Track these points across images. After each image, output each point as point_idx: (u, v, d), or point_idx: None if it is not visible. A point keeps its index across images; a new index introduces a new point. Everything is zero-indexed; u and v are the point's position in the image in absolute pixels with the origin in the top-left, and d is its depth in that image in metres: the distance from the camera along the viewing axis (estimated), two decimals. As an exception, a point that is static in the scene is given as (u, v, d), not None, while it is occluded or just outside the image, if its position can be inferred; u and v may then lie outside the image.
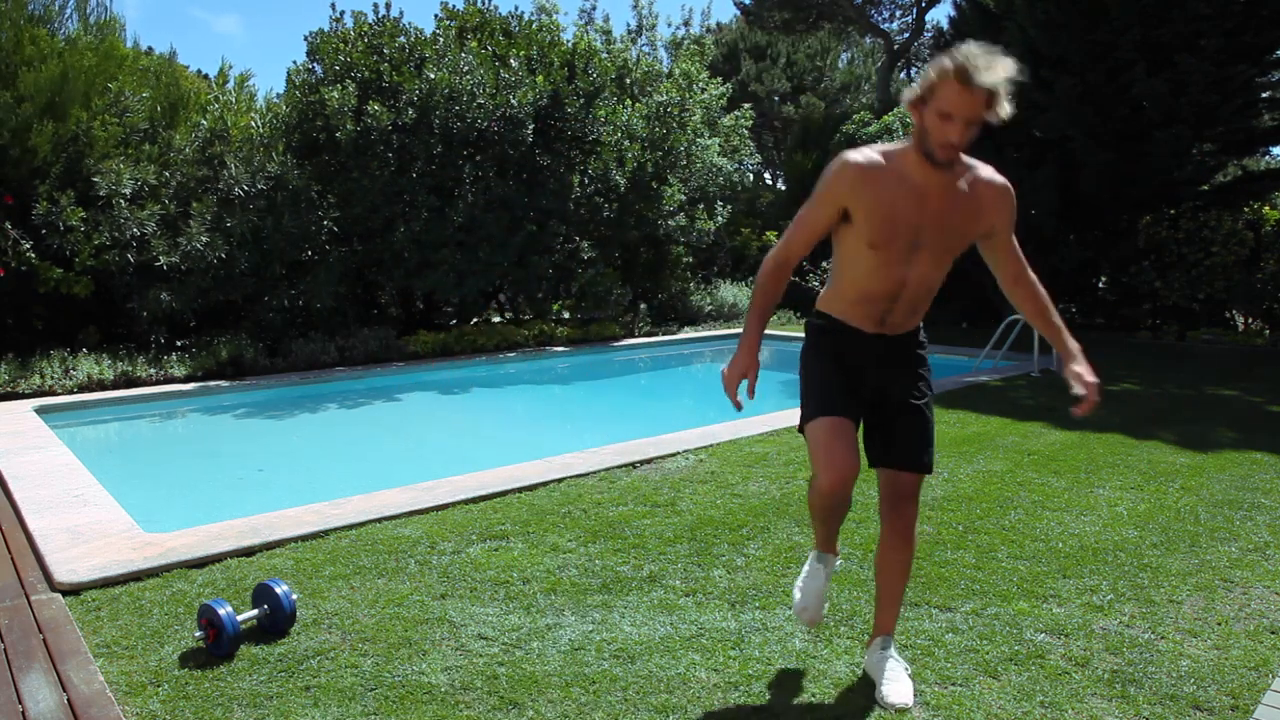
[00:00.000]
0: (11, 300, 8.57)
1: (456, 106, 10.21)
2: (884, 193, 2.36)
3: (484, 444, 7.20)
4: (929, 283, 2.50)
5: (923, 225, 2.38)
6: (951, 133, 2.23)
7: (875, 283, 2.46)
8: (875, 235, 2.39)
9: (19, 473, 4.98)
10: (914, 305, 2.54)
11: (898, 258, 2.41)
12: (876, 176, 2.36)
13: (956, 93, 2.18)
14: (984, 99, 2.18)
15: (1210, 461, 5.40)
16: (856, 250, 2.45)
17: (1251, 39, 10.63)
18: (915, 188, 2.36)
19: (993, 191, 2.43)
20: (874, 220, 2.38)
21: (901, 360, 2.59)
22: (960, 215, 2.41)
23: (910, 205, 2.36)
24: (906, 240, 2.39)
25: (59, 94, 8.71)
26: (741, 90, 23.11)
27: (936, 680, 2.70)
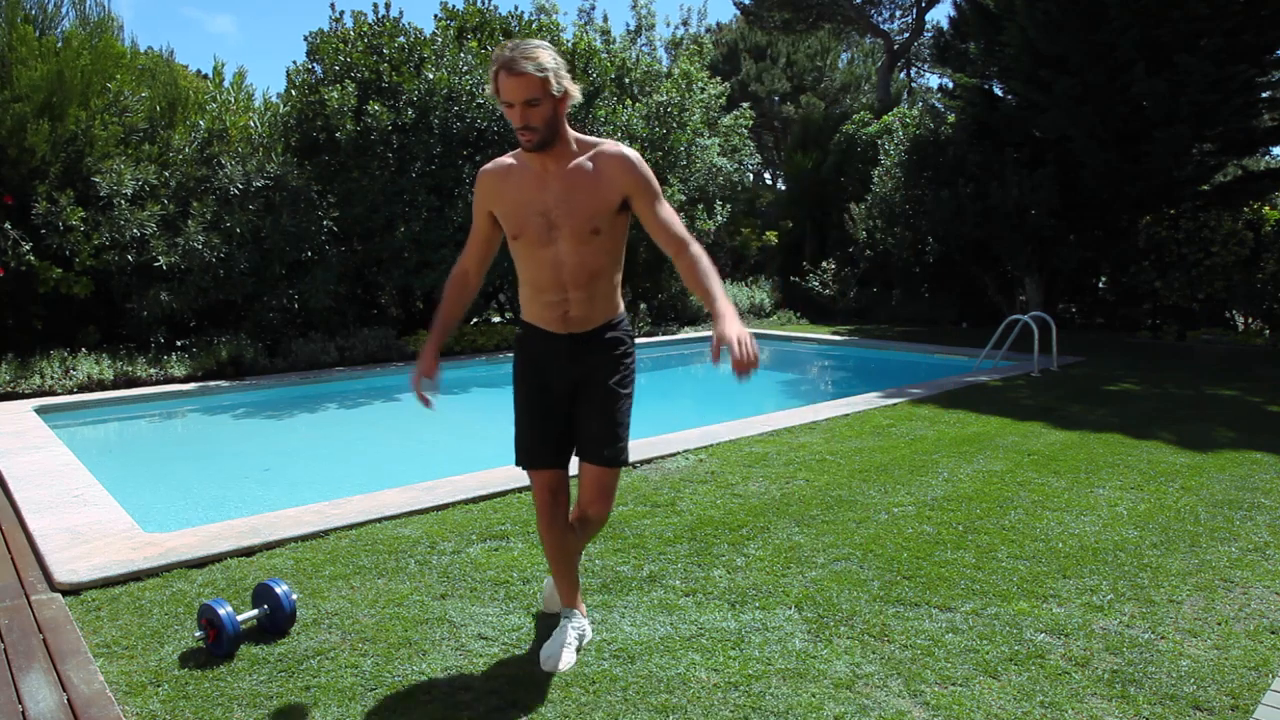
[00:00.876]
0: (11, 300, 8.57)
1: (456, 106, 10.21)
2: (511, 188, 2.62)
3: (484, 444, 7.19)
4: (586, 263, 2.62)
5: (548, 206, 2.57)
6: (513, 117, 2.46)
7: (534, 270, 2.65)
8: (510, 225, 2.63)
9: (19, 473, 4.98)
10: (587, 292, 2.65)
11: (538, 239, 2.59)
12: (504, 176, 2.64)
13: (504, 81, 2.42)
14: (530, 82, 2.39)
15: (1210, 461, 5.40)
16: (512, 250, 2.68)
17: (1251, 39, 10.62)
18: (536, 175, 2.59)
19: (612, 163, 2.57)
20: (507, 213, 2.63)
21: (596, 357, 2.72)
22: (583, 190, 2.56)
23: (533, 191, 2.58)
24: (539, 223, 2.58)
25: (56, 93, 8.70)
26: (741, 90, 23.12)
27: (936, 680, 2.70)
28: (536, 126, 2.44)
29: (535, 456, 2.76)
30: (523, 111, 2.42)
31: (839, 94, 27.16)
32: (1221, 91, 10.56)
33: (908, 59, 28.10)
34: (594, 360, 2.71)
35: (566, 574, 2.89)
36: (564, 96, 2.46)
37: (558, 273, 2.61)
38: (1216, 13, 10.24)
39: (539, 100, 2.42)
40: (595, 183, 2.55)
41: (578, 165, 2.56)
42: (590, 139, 2.61)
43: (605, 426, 2.72)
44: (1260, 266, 11.51)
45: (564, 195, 2.55)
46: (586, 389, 2.73)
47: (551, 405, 2.75)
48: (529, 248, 2.61)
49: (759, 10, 25.55)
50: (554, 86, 2.42)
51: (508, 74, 2.40)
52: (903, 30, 25.50)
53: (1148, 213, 12.39)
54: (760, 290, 15.66)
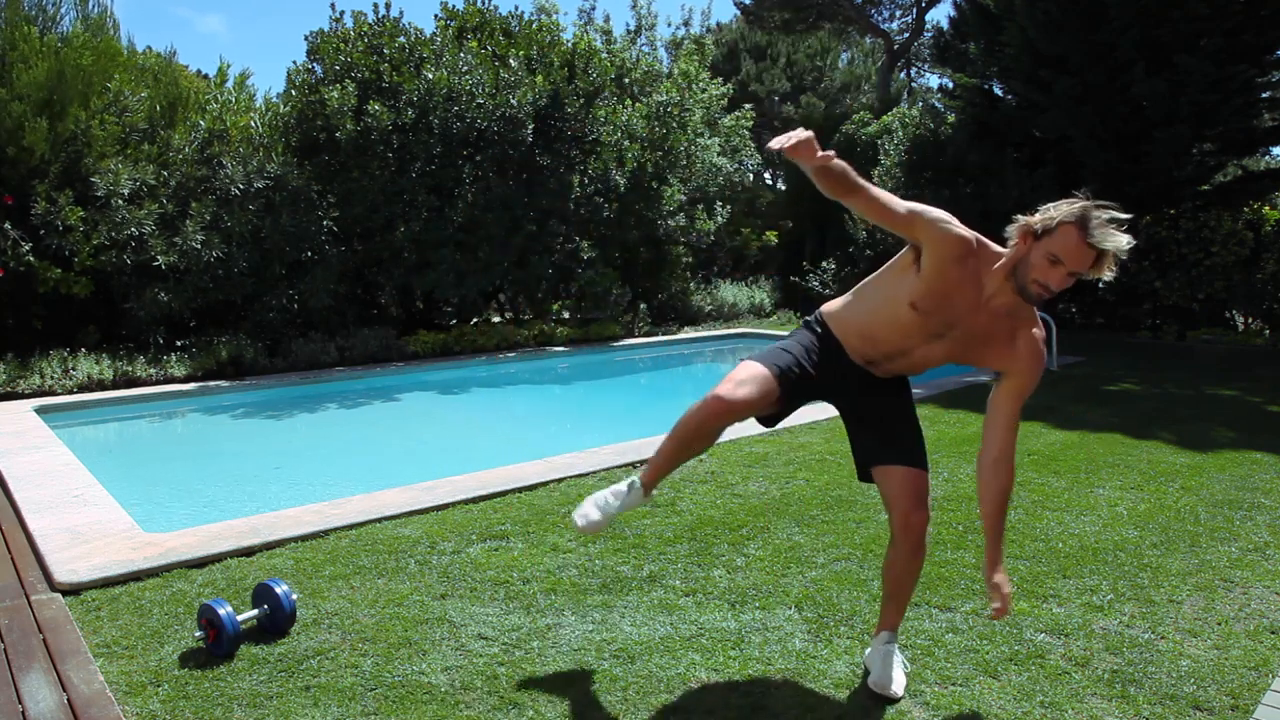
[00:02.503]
0: (11, 300, 8.57)
1: (456, 106, 10.21)
2: (956, 273, 2.39)
3: (484, 444, 7.20)
4: (927, 365, 2.58)
5: (961, 322, 2.44)
6: (1054, 278, 2.29)
7: (887, 335, 2.52)
8: (923, 300, 2.42)
9: (19, 473, 4.98)
10: (905, 370, 2.64)
11: (924, 330, 2.47)
12: (964, 257, 2.39)
13: (1076, 244, 2.24)
14: (1095, 258, 2.27)
15: (1210, 461, 5.40)
16: (896, 298, 2.48)
17: (1251, 39, 10.62)
18: (979, 292, 2.41)
19: (1030, 348, 2.46)
20: (931, 289, 2.40)
21: (883, 388, 2.66)
22: (993, 341, 2.46)
23: (967, 300, 2.41)
24: (938, 323, 2.45)
25: (56, 93, 8.70)
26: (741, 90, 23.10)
27: (936, 680, 2.70)
28: (1056, 292, 2.33)
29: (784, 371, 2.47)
30: (1064, 278, 2.29)
31: (839, 94, 27.15)
32: (1221, 91, 10.56)
33: (908, 59, 28.09)
34: (878, 394, 2.64)
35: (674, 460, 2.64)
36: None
37: (900, 354, 2.53)
38: (1216, 13, 10.24)
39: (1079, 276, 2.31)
40: (1004, 348, 2.45)
41: (1006, 325, 2.43)
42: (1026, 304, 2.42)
43: (913, 432, 2.63)
44: (1260, 266, 11.51)
45: (976, 334, 2.44)
46: (876, 408, 2.65)
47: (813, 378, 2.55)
48: (910, 325, 2.46)
49: (759, 10, 25.54)
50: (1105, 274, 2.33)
51: (1091, 245, 2.25)
52: (903, 30, 25.50)
53: (1148, 213, 12.38)
54: (760, 290, 15.66)
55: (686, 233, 13.01)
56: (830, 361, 2.60)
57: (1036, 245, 2.31)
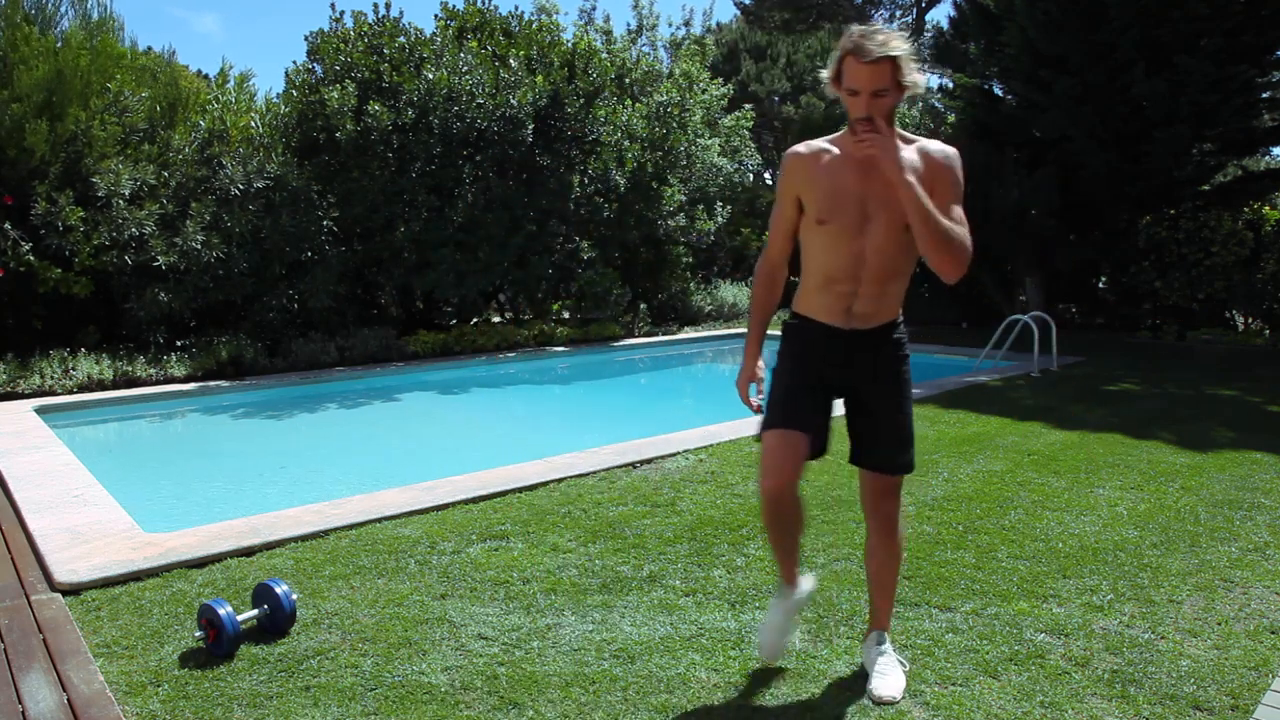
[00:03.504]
0: (11, 300, 8.57)
1: (456, 106, 10.21)
2: (827, 172, 2.48)
3: (484, 444, 7.20)
4: (888, 259, 2.50)
5: (868, 196, 2.44)
6: (859, 107, 2.33)
7: (833, 260, 2.51)
8: (822, 211, 2.48)
9: (19, 473, 4.98)
10: (880, 287, 2.53)
11: (850, 230, 2.47)
12: (818, 159, 2.50)
13: (855, 68, 2.31)
14: (884, 70, 2.28)
15: (1210, 461, 5.40)
16: (812, 234, 2.54)
17: (1251, 39, 10.62)
18: (858, 163, 2.43)
19: (934, 161, 2.46)
20: (820, 198, 2.48)
21: (877, 359, 2.59)
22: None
23: (853, 178, 2.45)
24: (855, 212, 2.46)
25: (55, 93, 8.70)
26: (741, 90, 23.09)
27: (936, 680, 2.70)
28: (876, 118, 2.32)
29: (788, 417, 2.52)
30: (868, 102, 2.30)
31: (839, 94, 27.12)
32: (1221, 92, 10.56)
33: (908, 59, 28.07)
34: (870, 362, 2.58)
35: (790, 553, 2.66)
36: (907, 88, 2.35)
37: (858, 265, 2.49)
38: (1216, 13, 10.24)
39: (887, 91, 2.31)
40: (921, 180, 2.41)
41: (905, 160, 2.40)
42: (909, 134, 2.48)
43: (895, 438, 2.62)
44: (1260, 266, 11.51)
45: (886, 188, 2.41)
46: (866, 399, 2.61)
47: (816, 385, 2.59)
48: (832, 236, 2.48)
49: (759, 10, 25.56)
50: (907, 79, 2.31)
51: (859, 60, 2.27)
52: (903, 30, 25.49)
53: (1148, 213, 12.38)
54: (760, 290, 15.62)
55: (686, 233, 13.01)
56: (820, 354, 2.59)
57: (841, 92, 2.38)
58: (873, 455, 2.63)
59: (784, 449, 2.49)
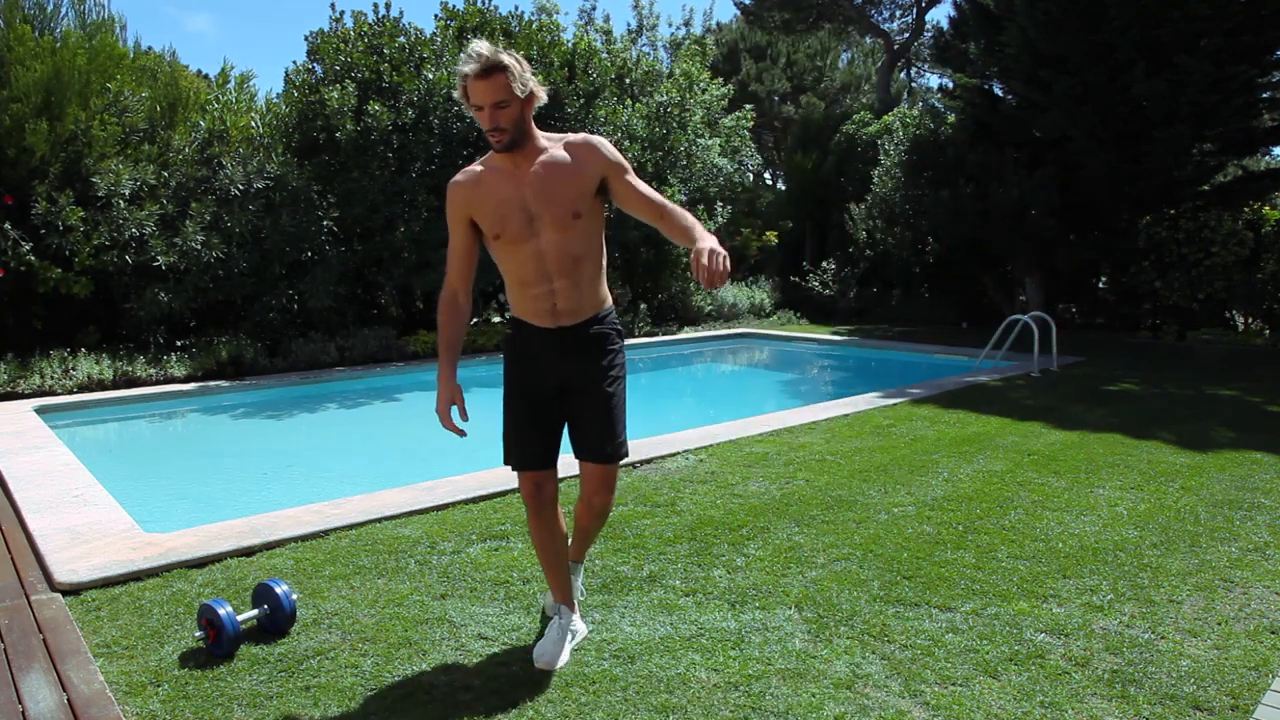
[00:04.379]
0: (11, 300, 8.57)
1: (456, 106, 10.20)
2: (486, 191, 2.67)
3: (484, 444, 7.18)
4: (568, 249, 2.67)
5: (527, 200, 2.63)
6: (483, 120, 2.55)
7: (518, 266, 2.69)
8: (490, 225, 2.67)
9: (19, 473, 4.98)
10: (572, 279, 2.69)
11: (519, 234, 2.65)
12: (476, 182, 2.70)
13: (469, 86, 2.52)
14: (493, 83, 2.48)
15: (1210, 461, 5.40)
16: (495, 251, 2.74)
17: (1251, 39, 10.62)
18: (509, 174, 2.65)
19: (578, 148, 2.67)
20: (487, 215, 2.68)
21: (586, 353, 2.76)
22: (559, 178, 2.63)
23: (509, 189, 2.65)
24: (520, 218, 2.64)
25: (54, 93, 8.70)
26: (741, 90, 23.11)
27: (936, 680, 2.70)
28: (506, 128, 2.54)
29: (526, 458, 2.77)
30: (492, 114, 2.52)
31: (839, 94, 27.15)
32: (1221, 92, 10.56)
33: (908, 59, 28.09)
34: (583, 360, 2.75)
35: (557, 569, 2.90)
36: (530, 97, 2.56)
37: (541, 263, 2.66)
38: (1216, 13, 10.24)
39: (507, 102, 2.51)
40: (571, 170, 2.64)
41: (550, 157, 2.65)
42: (555, 135, 2.70)
43: (604, 427, 2.78)
44: (1260, 266, 11.51)
45: (541, 186, 2.62)
46: (579, 394, 2.78)
47: (541, 407, 2.78)
48: (510, 245, 2.67)
49: (759, 10, 25.54)
50: (519, 88, 2.51)
51: (475, 78, 2.49)
52: (903, 30, 25.49)
53: (1148, 213, 12.38)
54: (760, 290, 15.66)
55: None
56: (533, 346, 2.76)
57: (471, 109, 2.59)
58: (592, 450, 2.80)
59: (534, 490, 2.78)
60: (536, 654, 2.76)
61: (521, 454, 2.78)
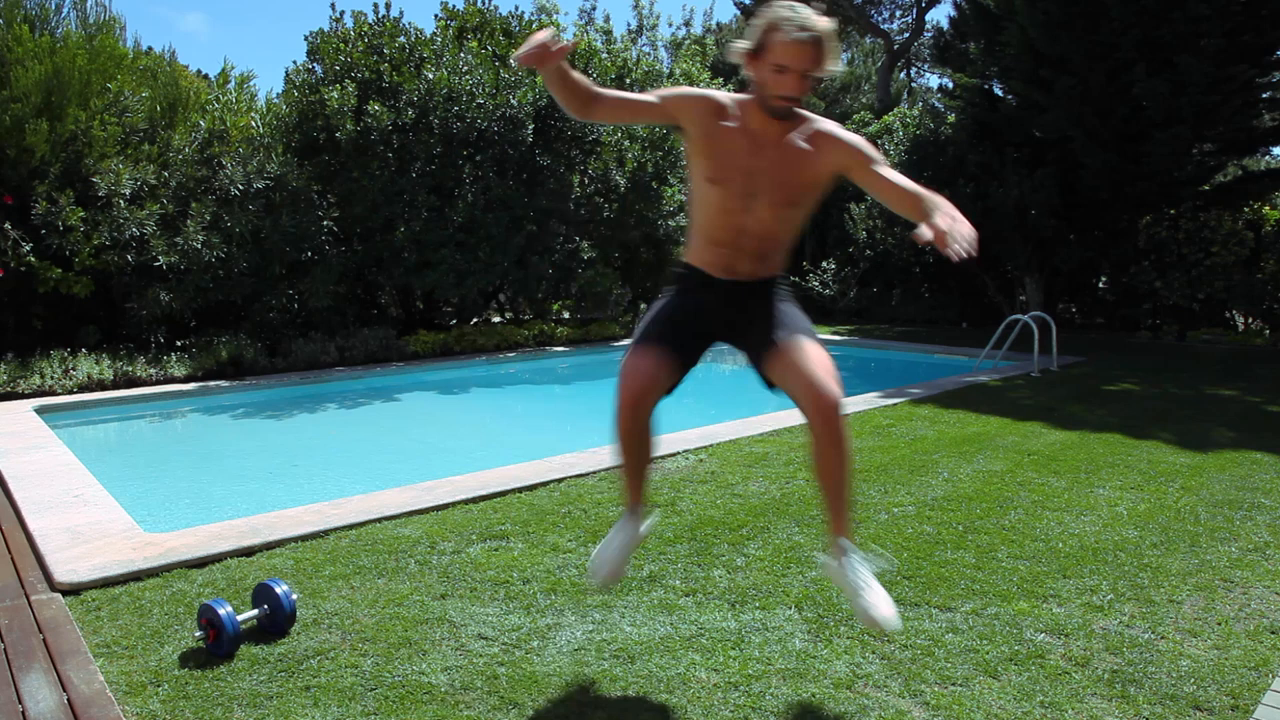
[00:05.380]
0: (11, 300, 8.57)
1: (456, 106, 10.21)
2: (722, 130, 2.46)
3: (484, 444, 7.20)
4: (772, 233, 2.53)
5: (756, 173, 2.45)
6: (786, 85, 2.32)
7: (717, 226, 2.53)
8: (709, 168, 2.48)
9: (19, 473, 4.98)
10: (760, 255, 2.56)
11: (734, 199, 2.47)
12: (723, 114, 2.47)
13: (788, 45, 2.28)
14: (815, 50, 2.29)
15: (1210, 461, 5.40)
16: (701, 188, 2.54)
17: (1251, 39, 10.62)
18: (752, 136, 2.45)
19: (824, 138, 2.48)
20: (708, 153, 2.47)
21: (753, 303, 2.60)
22: (795, 164, 2.46)
23: (744, 147, 2.45)
24: (740, 184, 2.46)
25: (54, 93, 8.69)
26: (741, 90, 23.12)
27: (936, 680, 2.70)
28: (797, 98, 2.34)
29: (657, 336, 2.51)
30: (799, 81, 2.30)
31: (839, 94, 27.14)
32: (1221, 92, 10.56)
33: (908, 59, 28.10)
34: (752, 304, 2.59)
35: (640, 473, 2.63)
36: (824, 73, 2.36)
37: (739, 236, 2.51)
38: (1217, 13, 10.24)
39: (816, 77, 2.33)
40: (809, 160, 2.45)
41: (794, 140, 2.45)
42: (806, 113, 2.48)
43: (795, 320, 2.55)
44: (1260, 266, 11.52)
45: (775, 166, 2.44)
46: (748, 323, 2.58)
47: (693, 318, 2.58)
48: (720, 200, 2.48)
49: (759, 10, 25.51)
50: (828, 61, 2.32)
51: (798, 39, 2.26)
52: (903, 30, 25.50)
53: (1148, 213, 12.38)
54: (760, 290, 15.65)
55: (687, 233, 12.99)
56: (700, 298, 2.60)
57: (759, 64, 2.36)
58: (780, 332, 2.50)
59: (643, 360, 2.47)
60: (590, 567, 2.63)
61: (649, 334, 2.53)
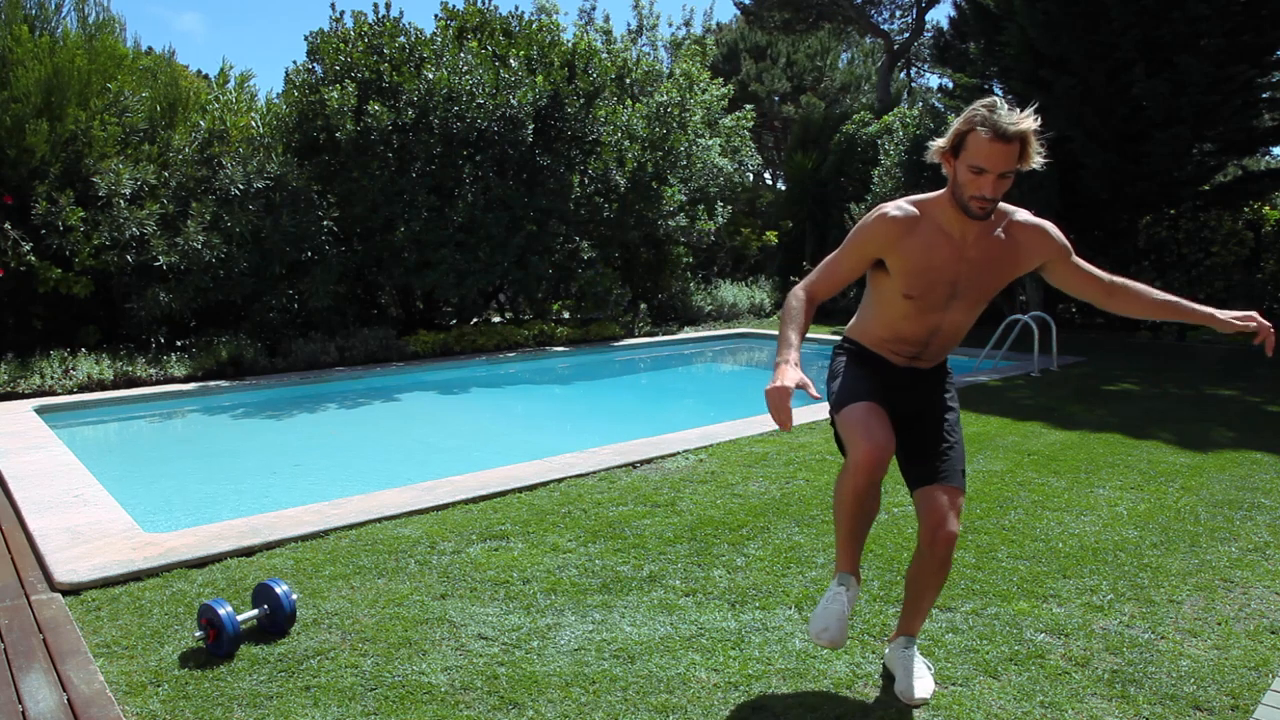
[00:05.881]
0: (11, 300, 8.57)
1: (456, 106, 10.21)
2: (920, 246, 2.37)
3: (484, 444, 7.20)
4: (962, 327, 2.53)
5: (959, 275, 2.40)
6: (985, 187, 2.24)
7: (908, 328, 2.49)
8: (911, 287, 2.40)
9: (19, 473, 4.98)
10: (945, 346, 2.57)
11: (934, 306, 2.43)
12: (913, 229, 2.38)
13: (988, 146, 2.20)
14: (1015, 150, 2.21)
15: (1210, 461, 5.40)
16: (892, 297, 2.47)
17: (1251, 39, 10.63)
18: (951, 239, 2.38)
19: (1031, 235, 2.43)
20: (911, 273, 2.39)
21: (929, 387, 2.61)
22: (997, 264, 2.42)
23: (947, 257, 2.38)
24: (944, 291, 2.41)
25: (54, 93, 8.69)
26: (741, 90, 23.11)
27: (936, 680, 2.69)
28: (996, 200, 2.28)
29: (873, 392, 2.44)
30: (996, 183, 2.24)
31: (839, 94, 27.15)
32: (1222, 92, 10.56)
33: (908, 59, 28.10)
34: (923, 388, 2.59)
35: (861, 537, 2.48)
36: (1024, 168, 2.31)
37: (931, 335, 2.49)
38: (1217, 13, 10.24)
39: (1013, 174, 2.26)
40: (1012, 257, 2.42)
41: (995, 236, 2.40)
42: (1002, 205, 2.42)
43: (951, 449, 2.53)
44: (1260, 266, 11.52)
45: (977, 268, 2.40)
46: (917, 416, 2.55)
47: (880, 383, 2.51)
48: (917, 311, 2.44)
49: (759, 10, 25.55)
50: (1030, 158, 2.26)
51: (998, 139, 2.19)
52: (903, 30, 25.50)
53: (1148, 213, 12.38)
54: (760, 290, 15.67)
55: (687, 233, 13.01)
56: (880, 371, 2.56)
57: (957, 164, 2.29)
58: (932, 469, 2.49)
59: (876, 417, 2.36)
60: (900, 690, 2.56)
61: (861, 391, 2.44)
